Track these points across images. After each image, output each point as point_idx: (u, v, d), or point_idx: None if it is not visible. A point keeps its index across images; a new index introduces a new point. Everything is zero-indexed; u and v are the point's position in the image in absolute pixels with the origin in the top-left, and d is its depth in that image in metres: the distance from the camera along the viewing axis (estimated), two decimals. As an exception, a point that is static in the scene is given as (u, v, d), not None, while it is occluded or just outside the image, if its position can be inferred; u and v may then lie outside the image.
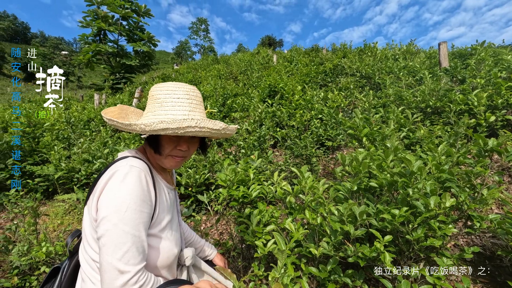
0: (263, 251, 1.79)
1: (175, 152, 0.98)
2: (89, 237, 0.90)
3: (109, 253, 0.77)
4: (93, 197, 0.87)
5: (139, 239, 0.82)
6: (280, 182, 2.10)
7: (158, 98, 0.95)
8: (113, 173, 0.85)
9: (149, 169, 0.94)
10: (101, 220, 0.81)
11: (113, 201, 0.81)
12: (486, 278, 2.12)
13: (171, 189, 1.11)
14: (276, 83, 5.72)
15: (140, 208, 0.84)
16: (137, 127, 0.83)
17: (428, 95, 4.02)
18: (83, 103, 10.69)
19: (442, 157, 1.78)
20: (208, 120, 0.87)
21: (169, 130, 0.82)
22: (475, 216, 1.57)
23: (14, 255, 2.53)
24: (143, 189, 0.86)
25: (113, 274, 0.76)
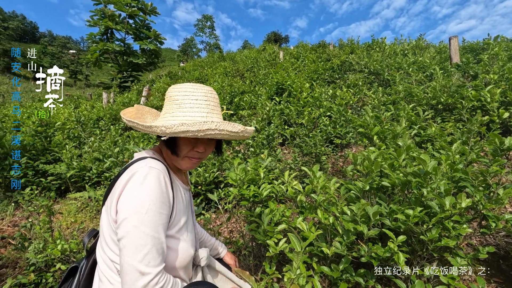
0: (275, 250, 1.80)
1: (192, 153, 0.98)
2: (108, 237, 0.91)
3: (130, 255, 0.79)
4: (112, 198, 0.88)
5: (159, 241, 0.83)
6: (291, 181, 2.10)
7: (176, 99, 0.95)
8: (133, 175, 0.86)
9: (167, 170, 0.95)
10: (121, 222, 0.82)
11: (133, 203, 0.82)
12: (501, 278, 2.09)
13: (186, 189, 1.12)
14: (283, 81, 5.70)
15: (160, 210, 0.85)
16: (157, 129, 0.84)
17: (439, 91, 3.96)
18: (91, 102, 10.83)
19: (456, 156, 1.76)
20: (227, 122, 0.88)
21: (190, 132, 0.82)
22: (491, 216, 1.55)
23: (31, 253, 2.59)
24: (162, 190, 0.87)
25: (134, 276, 0.77)
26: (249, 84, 7.82)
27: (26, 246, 2.82)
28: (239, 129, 0.90)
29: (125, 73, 16.16)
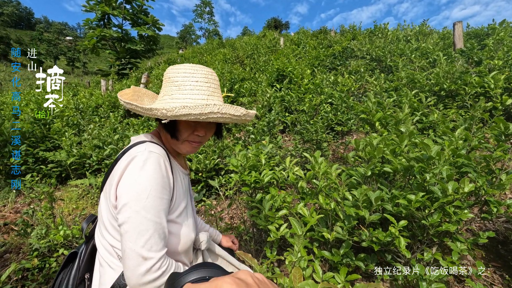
0: (276, 235, 1.81)
1: (192, 137, 0.96)
2: (107, 223, 0.89)
3: (132, 240, 0.77)
4: (111, 183, 0.86)
5: (160, 226, 0.82)
6: (292, 168, 2.10)
7: (175, 80, 0.92)
8: (132, 159, 0.83)
9: (166, 154, 0.92)
10: (122, 207, 0.80)
11: (133, 188, 0.80)
12: (499, 262, 2.12)
13: (185, 174, 1.10)
14: (284, 67, 5.61)
15: (161, 195, 0.83)
16: (158, 112, 0.80)
17: (443, 77, 3.90)
18: (90, 89, 10.72)
19: (459, 141, 1.74)
20: (229, 105, 0.85)
21: (191, 116, 0.79)
22: (492, 201, 1.55)
23: (33, 238, 2.61)
24: (163, 175, 0.85)
25: (136, 261, 0.76)
26: (249, 71, 7.71)
27: (29, 232, 2.84)
28: (242, 112, 0.87)
29: (123, 60, 15.92)
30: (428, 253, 1.65)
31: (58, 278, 1.03)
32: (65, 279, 1.02)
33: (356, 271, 1.98)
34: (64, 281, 1.01)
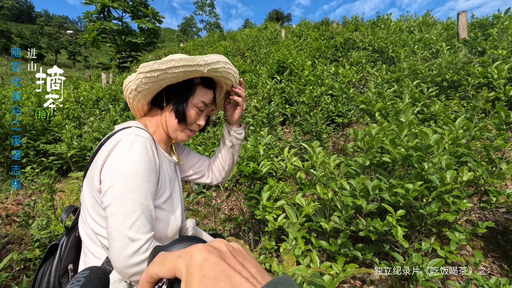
0: (274, 225, 1.82)
1: (193, 126, 1.04)
2: (90, 209, 0.88)
3: (119, 222, 0.76)
4: (94, 168, 0.85)
5: (147, 208, 0.82)
6: (290, 158, 2.08)
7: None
8: (118, 142, 0.83)
9: (152, 139, 0.93)
10: (107, 189, 0.79)
11: (120, 170, 0.79)
12: (498, 252, 2.11)
13: (171, 161, 1.10)
14: (285, 59, 5.55)
15: (148, 178, 0.83)
16: (200, 60, 0.90)
17: (445, 68, 3.84)
18: (91, 83, 10.70)
19: (460, 131, 1.72)
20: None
21: (221, 63, 0.94)
22: (492, 190, 1.53)
23: (34, 229, 2.64)
24: (150, 159, 0.85)
25: (123, 242, 0.76)
26: (249, 63, 7.65)
27: (30, 223, 2.87)
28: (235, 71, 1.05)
29: (124, 54, 15.84)
30: (426, 243, 1.64)
31: (39, 271, 1.01)
32: (47, 271, 0.99)
33: (354, 261, 1.98)
34: (46, 273, 0.98)
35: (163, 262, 0.31)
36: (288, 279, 0.28)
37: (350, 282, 2.07)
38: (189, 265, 0.29)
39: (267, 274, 0.31)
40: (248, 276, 0.28)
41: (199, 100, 1.00)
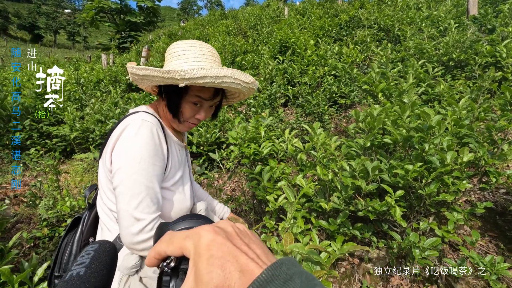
0: (274, 205, 1.85)
1: (192, 120, 0.99)
2: (105, 188, 0.94)
3: (125, 202, 0.82)
4: (107, 149, 0.90)
5: (153, 190, 0.86)
6: (291, 139, 2.08)
7: (182, 54, 0.93)
8: (126, 127, 0.87)
9: (160, 124, 0.95)
10: (116, 171, 0.84)
11: (127, 153, 0.84)
12: (495, 232, 2.15)
13: (181, 146, 1.12)
14: (287, 38, 5.41)
15: (153, 161, 0.87)
16: (176, 74, 0.80)
17: (452, 47, 3.73)
18: (91, 64, 10.57)
19: (463, 111, 1.69)
20: (240, 72, 0.86)
21: (207, 78, 0.80)
22: (492, 171, 1.53)
23: (42, 209, 2.71)
24: (155, 143, 0.88)
25: (129, 221, 0.81)
26: (251, 43, 7.47)
27: (37, 204, 2.94)
28: (250, 80, 0.89)
29: (123, 33, 15.52)
30: (424, 223, 1.67)
31: (63, 241, 1.09)
32: (70, 242, 1.08)
33: (352, 240, 2.03)
34: (69, 244, 1.07)
35: (170, 241, 0.32)
36: (292, 260, 0.29)
37: (349, 260, 2.13)
38: (197, 245, 0.30)
39: (272, 255, 0.32)
40: (254, 256, 0.29)
41: (194, 95, 0.93)
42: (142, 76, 0.89)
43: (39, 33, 47.74)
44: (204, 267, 0.28)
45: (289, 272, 0.27)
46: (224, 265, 0.27)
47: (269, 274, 0.26)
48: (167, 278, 0.33)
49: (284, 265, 0.27)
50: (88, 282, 0.42)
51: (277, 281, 0.25)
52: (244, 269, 0.27)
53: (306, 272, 0.28)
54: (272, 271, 0.26)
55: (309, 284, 0.26)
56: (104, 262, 0.46)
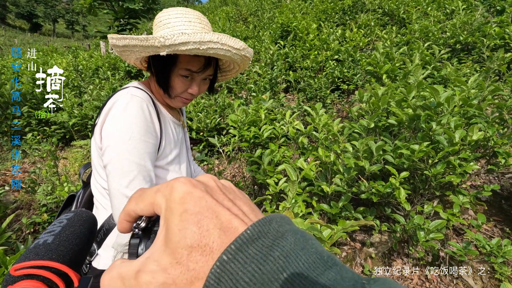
0: (275, 189, 1.80)
1: (185, 95, 0.93)
2: (97, 166, 0.91)
3: (116, 180, 0.78)
4: (97, 127, 0.87)
5: (145, 168, 0.81)
6: (292, 122, 2.02)
7: (167, 22, 0.87)
8: (114, 102, 0.83)
9: (151, 100, 0.90)
10: (105, 149, 0.81)
11: (116, 131, 0.80)
12: (501, 216, 2.11)
13: (177, 124, 1.08)
14: (288, 22, 5.27)
15: (144, 138, 0.82)
16: (155, 41, 0.74)
17: (459, 29, 3.61)
18: (90, 52, 10.45)
19: (472, 91, 1.62)
20: (228, 36, 0.78)
21: (190, 44, 0.73)
22: (501, 152, 1.47)
23: (40, 194, 2.69)
24: (146, 119, 0.84)
25: (121, 200, 0.78)
26: (252, 29, 7.32)
27: (36, 190, 2.93)
28: (241, 45, 0.81)
29: (122, 21, 15.24)
30: (428, 206, 1.62)
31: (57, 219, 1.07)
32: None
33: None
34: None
35: (140, 198, 0.27)
36: (284, 217, 0.24)
37: (350, 244, 2.10)
38: (169, 199, 0.24)
39: (261, 213, 0.26)
40: (239, 213, 0.24)
41: (183, 68, 0.87)
42: (123, 47, 0.83)
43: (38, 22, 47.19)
44: (176, 224, 0.23)
45: (281, 229, 0.22)
46: (201, 222, 0.22)
47: (255, 230, 0.21)
48: (136, 241, 0.28)
49: (274, 221, 0.22)
50: (55, 251, 0.36)
51: (265, 238, 0.21)
52: (226, 226, 0.22)
53: (301, 231, 0.23)
54: (260, 227, 0.21)
55: (305, 242, 0.21)
56: (77, 231, 0.41)
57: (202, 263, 0.21)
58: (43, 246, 0.37)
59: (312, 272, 0.19)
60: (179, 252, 0.22)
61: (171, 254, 0.22)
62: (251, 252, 0.20)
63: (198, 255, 0.21)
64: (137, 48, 0.81)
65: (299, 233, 0.22)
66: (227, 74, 1.08)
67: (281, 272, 0.19)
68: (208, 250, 0.21)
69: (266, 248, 0.20)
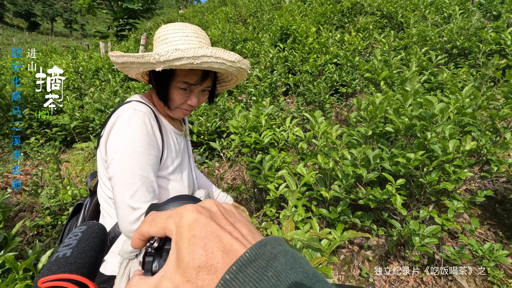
0: (275, 194, 1.85)
1: (184, 106, 0.97)
2: (103, 176, 0.95)
3: (120, 192, 0.83)
4: (102, 139, 0.91)
5: (148, 180, 0.86)
6: (292, 128, 2.07)
7: (165, 38, 0.91)
8: (118, 117, 0.87)
9: (153, 113, 0.94)
10: (110, 162, 0.86)
11: (120, 144, 0.85)
12: (494, 220, 2.16)
13: (179, 134, 1.11)
14: (288, 25, 5.32)
15: (147, 151, 0.87)
16: (150, 57, 0.78)
17: (456, 34, 3.67)
18: (89, 52, 10.44)
19: (466, 99, 1.67)
20: (223, 50, 0.82)
21: (184, 59, 0.77)
22: (494, 160, 1.53)
23: (44, 198, 2.73)
24: (149, 132, 0.88)
25: (126, 211, 0.82)
26: (252, 31, 7.35)
27: (39, 192, 2.96)
28: (236, 58, 0.84)
29: (121, 21, 15.22)
30: (424, 211, 1.68)
31: (66, 226, 1.12)
32: (73, 226, 1.10)
33: (352, 228, 2.05)
34: (72, 228, 1.09)
35: (153, 222, 0.32)
36: (278, 239, 0.28)
37: (348, 248, 2.16)
38: (179, 225, 0.29)
39: (259, 234, 0.31)
40: (239, 236, 0.28)
41: (181, 81, 0.90)
42: (122, 64, 0.89)
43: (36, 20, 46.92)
44: (186, 247, 0.27)
45: (274, 251, 0.26)
46: (207, 245, 0.26)
47: (252, 253, 0.25)
48: (150, 258, 0.32)
49: (269, 244, 0.26)
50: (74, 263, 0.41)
51: (261, 260, 0.25)
52: (228, 249, 0.26)
53: (291, 251, 0.27)
54: (256, 250, 0.25)
55: (294, 262, 0.25)
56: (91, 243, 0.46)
57: (208, 281, 0.25)
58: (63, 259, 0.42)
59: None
60: (189, 272, 0.26)
61: (183, 274, 0.26)
62: (249, 272, 0.24)
63: (205, 274, 0.25)
64: (135, 65, 0.86)
65: (290, 254, 0.26)
66: (226, 85, 1.12)
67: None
68: (213, 270, 0.25)
69: (261, 268, 0.24)
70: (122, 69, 0.94)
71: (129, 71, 0.94)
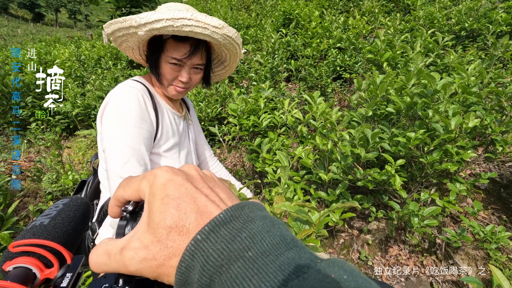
0: (273, 177, 1.83)
1: (176, 82, 0.98)
2: (100, 151, 0.99)
3: (112, 163, 0.84)
4: (98, 114, 0.96)
5: (139, 152, 0.86)
6: (291, 110, 2.03)
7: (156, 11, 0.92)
8: (112, 92, 0.92)
9: (148, 91, 0.96)
10: (103, 135, 0.89)
11: (112, 118, 0.88)
12: (498, 204, 2.11)
13: (178, 115, 1.12)
14: (291, 9, 5.19)
15: (139, 124, 0.88)
16: (132, 20, 0.80)
17: (465, 15, 3.52)
18: (92, 42, 10.41)
19: (472, 78, 1.60)
20: (204, 14, 0.79)
21: (163, 21, 0.77)
22: (499, 140, 1.47)
23: (45, 182, 2.76)
24: (141, 107, 0.90)
25: (117, 181, 0.83)
26: (254, 17, 7.21)
27: (42, 178, 2.99)
28: (219, 23, 0.81)
29: (124, 10, 15.08)
30: (425, 193, 1.64)
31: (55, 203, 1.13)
32: None
33: (351, 211, 2.02)
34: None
35: (127, 185, 0.30)
36: (257, 204, 0.26)
37: (348, 231, 2.14)
38: (152, 185, 0.27)
39: (238, 200, 0.29)
40: (216, 199, 0.27)
41: (169, 56, 0.91)
42: (112, 34, 0.91)
43: (40, 11, 46.89)
44: (158, 207, 0.25)
45: (251, 214, 0.24)
46: (180, 206, 0.25)
47: (228, 214, 0.24)
48: (124, 222, 0.30)
49: (246, 207, 0.25)
50: (51, 232, 0.40)
51: (236, 222, 0.23)
52: (202, 210, 0.25)
53: (271, 217, 0.25)
54: (232, 212, 0.24)
55: (272, 227, 0.23)
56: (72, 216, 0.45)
57: (179, 241, 0.24)
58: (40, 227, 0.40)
59: (274, 251, 0.21)
60: (159, 232, 0.24)
61: (152, 234, 0.25)
62: (222, 233, 0.22)
63: (176, 235, 0.24)
64: (121, 32, 0.88)
65: (268, 219, 0.24)
66: (224, 67, 1.12)
67: (246, 251, 0.21)
68: (185, 231, 0.24)
69: (235, 230, 0.23)
70: (115, 42, 0.97)
71: (121, 44, 0.96)
